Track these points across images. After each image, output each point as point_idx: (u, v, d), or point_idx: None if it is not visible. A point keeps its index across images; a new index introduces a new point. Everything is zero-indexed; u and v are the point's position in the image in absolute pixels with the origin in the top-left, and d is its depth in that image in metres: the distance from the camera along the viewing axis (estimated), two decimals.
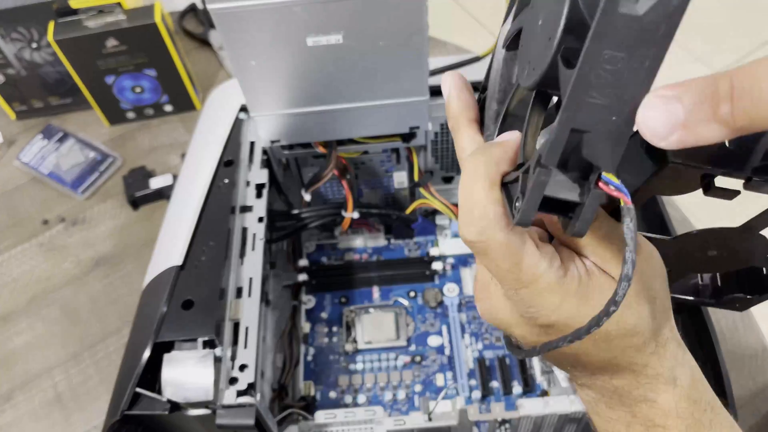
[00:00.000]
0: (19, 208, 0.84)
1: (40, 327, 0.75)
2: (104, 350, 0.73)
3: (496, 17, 0.46)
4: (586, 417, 0.52)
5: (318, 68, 0.52)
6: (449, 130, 0.66)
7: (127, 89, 0.86)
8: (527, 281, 0.29)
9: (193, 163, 0.62)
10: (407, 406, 0.64)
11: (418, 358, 0.66)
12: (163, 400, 0.46)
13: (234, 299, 0.53)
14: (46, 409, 0.69)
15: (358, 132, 0.59)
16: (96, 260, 0.79)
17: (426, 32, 0.50)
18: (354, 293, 0.71)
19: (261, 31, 0.48)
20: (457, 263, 0.73)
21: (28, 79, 0.87)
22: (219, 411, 0.46)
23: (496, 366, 0.65)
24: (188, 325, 0.48)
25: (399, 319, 0.68)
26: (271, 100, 0.55)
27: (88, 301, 0.76)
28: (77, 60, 0.81)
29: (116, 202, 0.84)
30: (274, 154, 0.63)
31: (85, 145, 0.88)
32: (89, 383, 0.71)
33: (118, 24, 0.79)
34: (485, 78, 0.36)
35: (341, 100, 0.55)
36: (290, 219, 0.65)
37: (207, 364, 0.47)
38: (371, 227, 0.74)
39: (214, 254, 0.53)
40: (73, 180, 0.85)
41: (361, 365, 0.66)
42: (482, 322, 0.68)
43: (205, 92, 0.92)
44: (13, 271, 0.79)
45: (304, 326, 0.68)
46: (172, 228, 0.58)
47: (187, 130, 0.90)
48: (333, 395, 0.64)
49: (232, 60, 0.51)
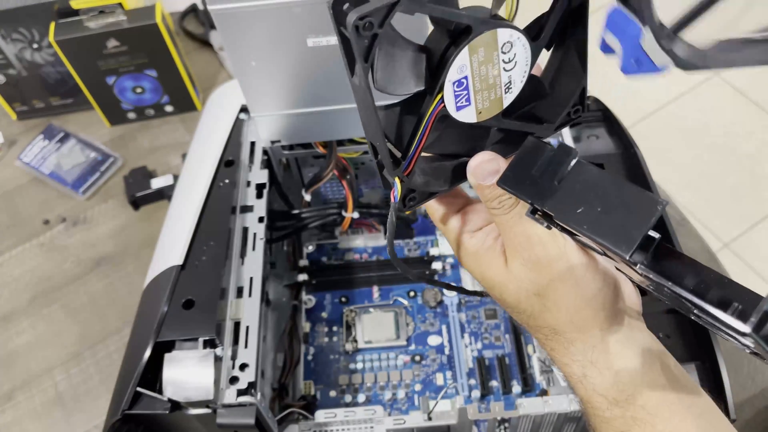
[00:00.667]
0: (20, 208, 0.85)
1: (41, 327, 0.75)
2: (105, 350, 0.73)
3: None
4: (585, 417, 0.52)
5: (318, 68, 0.52)
6: None
7: (127, 90, 0.86)
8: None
9: (194, 163, 0.62)
10: (407, 406, 0.64)
11: (418, 357, 0.66)
12: (163, 400, 0.46)
13: (234, 299, 0.53)
14: (47, 408, 0.69)
15: (358, 132, 0.59)
16: (97, 260, 0.79)
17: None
18: (354, 293, 0.71)
19: (261, 32, 0.49)
20: (457, 263, 0.73)
21: (29, 79, 0.88)
22: (219, 410, 0.46)
23: (495, 365, 0.65)
24: (189, 325, 0.49)
25: (399, 319, 0.68)
26: (271, 101, 0.55)
27: (89, 300, 0.76)
28: (78, 60, 0.81)
29: (117, 202, 0.84)
30: (274, 155, 0.63)
31: (86, 146, 0.88)
32: (90, 383, 0.71)
33: (119, 24, 0.79)
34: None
35: (341, 101, 0.55)
36: (290, 219, 0.65)
37: (207, 364, 0.47)
38: (371, 227, 0.74)
39: (214, 254, 0.53)
40: (74, 180, 0.85)
41: (361, 365, 0.66)
42: (482, 321, 0.68)
43: (205, 93, 0.93)
44: (14, 270, 0.79)
45: (305, 326, 0.69)
46: (173, 228, 0.58)
47: (188, 131, 0.90)
48: (333, 394, 0.65)
49: (233, 60, 0.51)
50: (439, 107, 0.35)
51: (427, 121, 0.35)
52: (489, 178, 0.37)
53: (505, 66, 0.36)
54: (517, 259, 0.38)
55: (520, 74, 0.36)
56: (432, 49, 0.35)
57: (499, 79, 0.36)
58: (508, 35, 0.34)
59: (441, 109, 0.35)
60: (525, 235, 0.37)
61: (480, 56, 0.34)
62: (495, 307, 0.69)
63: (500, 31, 0.34)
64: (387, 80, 0.34)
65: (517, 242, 0.38)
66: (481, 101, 0.36)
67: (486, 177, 0.37)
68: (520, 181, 0.36)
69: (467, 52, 0.34)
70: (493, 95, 0.36)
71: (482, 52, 0.34)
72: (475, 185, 0.38)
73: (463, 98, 0.35)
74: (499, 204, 0.37)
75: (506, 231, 0.38)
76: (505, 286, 0.39)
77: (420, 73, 0.35)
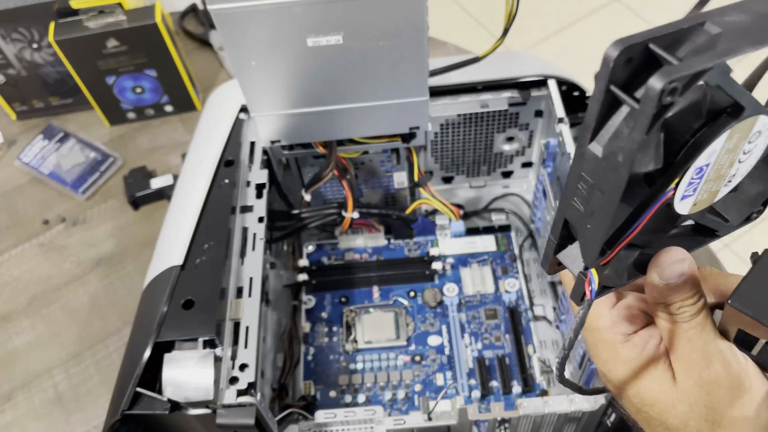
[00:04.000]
0: (20, 208, 0.84)
1: (41, 327, 0.75)
2: (105, 350, 0.73)
3: (496, 17, 0.46)
4: (584, 416, 0.52)
5: (318, 68, 0.52)
6: (449, 131, 0.66)
7: (127, 89, 0.86)
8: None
9: (194, 163, 0.62)
10: (407, 406, 0.64)
11: (418, 357, 0.66)
12: (163, 400, 0.46)
13: (234, 299, 0.53)
14: (47, 408, 0.69)
15: (358, 132, 0.59)
16: (96, 260, 0.79)
17: (426, 32, 0.50)
18: (354, 293, 0.71)
19: (261, 32, 0.49)
20: (457, 263, 0.73)
21: (28, 79, 0.88)
22: (219, 410, 0.46)
23: (495, 365, 0.65)
24: (189, 325, 0.48)
25: (399, 319, 0.68)
26: (271, 101, 0.55)
27: (89, 301, 0.76)
28: (78, 60, 0.81)
29: (117, 202, 0.84)
30: (274, 155, 0.63)
31: (85, 146, 0.88)
32: (89, 383, 0.71)
33: (119, 24, 0.79)
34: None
35: (341, 101, 0.55)
36: (290, 219, 0.65)
37: (207, 364, 0.47)
38: (371, 227, 0.74)
39: (214, 254, 0.53)
40: (74, 180, 0.85)
41: (361, 365, 0.66)
42: (482, 321, 0.68)
43: (205, 93, 0.93)
44: (14, 271, 0.79)
45: (305, 326, 0.69)
46: (173, 228, 0.58)
47: (188, 131, 0.90)
48: (333, 395, 0.64)
49: (233, 60, 0.51)
50: (670, 193, 0.30)
51: (651, 207, 0.30)
52: (676, 278, 0.33)
53: (741, 157, 0.31)
54: (691, 378, 0.33)
55: (746, 168, 0.32)
56: (675, 125, 0.29)
57: (728, 170, 0.32)
58: (762, 124, 0.30)
59: (670, 196, 0.30)
60: (704, 352, 0.33)
61: (732, 142, 0.30)
62: (495, 306, 0.69)
63: (761, 118, 0.30)
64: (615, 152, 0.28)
65: (694, 357, 0.33)
66: (703, 192, 0.32)
67: (674, 277, 0.33)
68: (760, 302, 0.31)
69: (727, 135, 0.29)
70: (714, 187, 0.32)
71: (736, 139, 0.30)
72: (660, 285, 0.34)
73: (692, 187, 0.31)
74: (680, 310, 0.33)
75: (682, 342, 0.34)
76: (672, 406, 0.34)
77: (657, 152, 0.29)
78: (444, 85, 0.62)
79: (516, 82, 0.63)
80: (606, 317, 0.36)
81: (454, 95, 0.63)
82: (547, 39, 1.75)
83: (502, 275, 0.72)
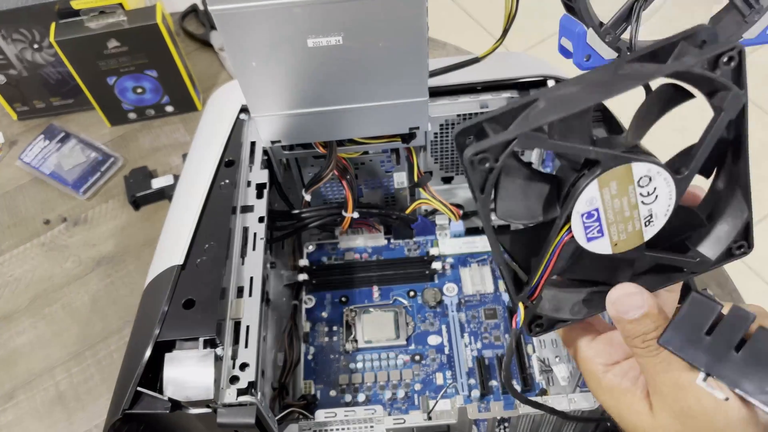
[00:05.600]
0: (21, 208, 0.85)
1: (42, 326, 0.75)
2: (105, 349, 0.73)
3: (496, 17, 0.47)
4: (583, 416, 0.52)
5: (318, 69, 0.52)
6: (449, 131, 0.66)
7: (128, 90, 0.87)
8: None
9: (195, 163, 0.63)
10: (407, 405, 0.64)
11: (418, 357, 0.66)
12: (164, 399, 0.46)
13: (235, 299, 0.53)
14: (48, 408, 0.70)
15: (358, 132, 0.59)
16: (97, 260, 0.80)
17: (426, 33, 0.50)
18: (354, 293, 0.71)
19: (261, 33, 0.49)
20: (457, 263, 0.73)
21: (29, 79, 0.88)
22: (220, 410, 0.46)
23: (495, 365, 0.65)
24: (189, 325, 0.49)
25: (399, 319, 0.68)
26: (271, 101, 0.55)
27: (90, 300, 0.77)
28: (79, 61, 0.82)
29: (117, 203, 0.84)
30: (274, 155, 0.63)
31: (86, 146, 0.88)
32: (91, 382, 0.71)
33: (120, 25, 0.79)
34: None
35: (341, 101, 0.55)
36: (290, 219, 0.65)
37: (208, 363, 0.47)
38: (371, 227, 0.74)
39: (215, 254, 0.53)
40: (75, 180, 0.85)
41: (361, 364, 0.66)
42: (481, 321, 0.69)
43: (206, 93, 0.93)
44: (15, 270, 0.80)
45: (305, 325, 0.69)
46: (174, 228, 0.58)
47: (188, 131, 0.90)
48: (333, 394, 0.65)
49: (233, 61, 0.51)
50: (566, 238, 0.33)
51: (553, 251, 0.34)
52: (632, 312, 0.34)
53: (644, 200, 0.33)
54: (665, 410, 0.34)
55: (663, 208, 0.34)
56: (562, 177, 0.33)
57: (636, 212, 0.33)
58: (645, 169, 0.32)
59: (569, 239, 0.33)
60: (675, 385, 0.34)
61: (612, 190, 0.32)
62: (495, 306, 0.70)
63: (636, 165, 0.32)
64: (509, 210, 0.33)
65: (666, 390, 0.34)
66: (616, 233, 0.34)
67: (629, 311, 0.34)
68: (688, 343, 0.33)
69: (596, 185, 0.32)
70: (631, 227, 0.34)
71: (615, 186, 0.32)
72: (616, 319, 0.35)
73: (594, 230, 0.33)
74: (644, 344, 0.34)
75: (652, 376, 0.35)
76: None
77: (550, 202, 0.33)
78: (444, 86, 0.62)
79: (515, 82, 0.63)
80: (586, 349, 0.38)
81: (453, 95, 0.63)
82: (546, 39, 1.75)
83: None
